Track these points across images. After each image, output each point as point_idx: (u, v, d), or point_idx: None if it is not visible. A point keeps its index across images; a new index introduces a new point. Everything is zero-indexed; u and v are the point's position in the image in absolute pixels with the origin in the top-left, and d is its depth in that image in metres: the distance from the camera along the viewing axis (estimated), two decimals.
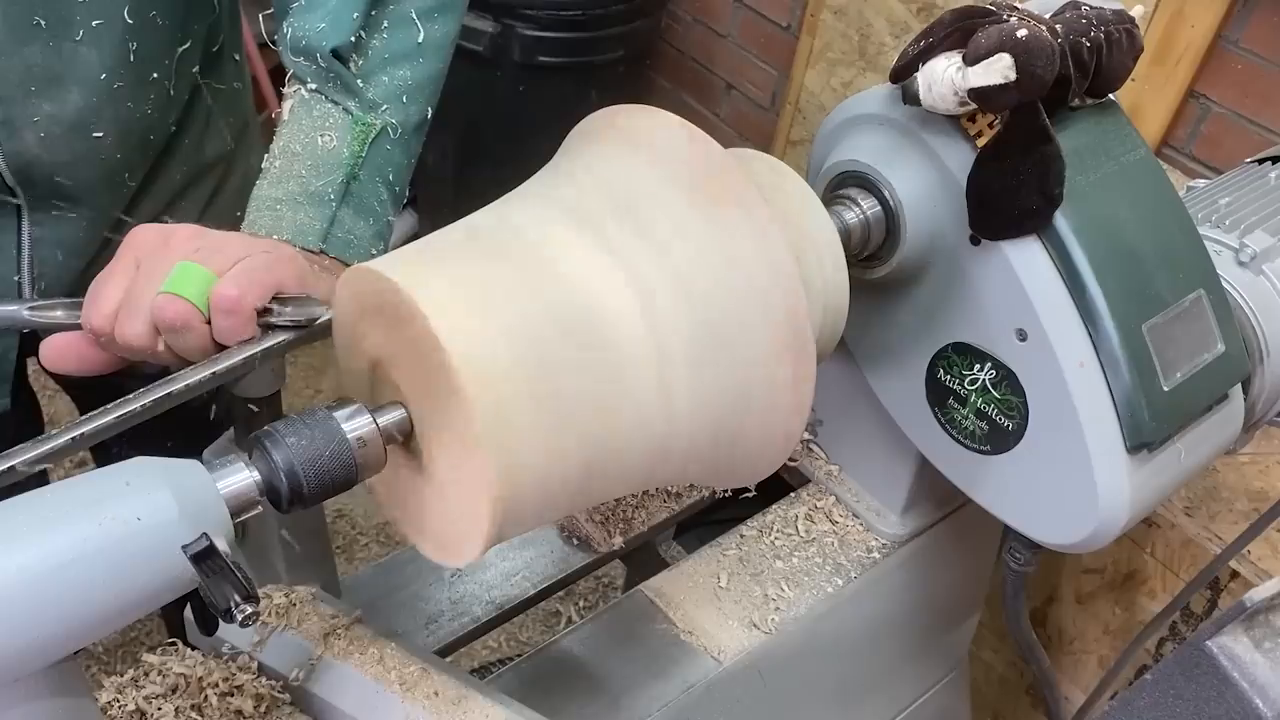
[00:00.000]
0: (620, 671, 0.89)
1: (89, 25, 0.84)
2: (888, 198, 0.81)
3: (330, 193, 0.80)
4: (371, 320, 0.64)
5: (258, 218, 0.78)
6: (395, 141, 0.84)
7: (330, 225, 0.79)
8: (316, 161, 0.80)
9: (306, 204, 0.79)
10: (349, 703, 0.75)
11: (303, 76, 0.81)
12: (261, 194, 0.79)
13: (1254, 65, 1.72)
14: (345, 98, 0.81)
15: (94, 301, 0.71)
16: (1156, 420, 0.79)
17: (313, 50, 0.80)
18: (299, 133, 0.80)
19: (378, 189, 0.83)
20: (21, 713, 0.53)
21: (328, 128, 0.81)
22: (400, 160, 0.85)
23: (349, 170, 0.81)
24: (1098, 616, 1.37)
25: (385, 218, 0.84)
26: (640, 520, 1.06)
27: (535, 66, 2.47)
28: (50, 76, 0.84)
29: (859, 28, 2.28)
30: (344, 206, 0.81)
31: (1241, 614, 0.62)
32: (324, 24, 0.80)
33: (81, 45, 0.84)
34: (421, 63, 0.85)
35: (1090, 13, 0.76)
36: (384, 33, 0.83)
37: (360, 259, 0.80)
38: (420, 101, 0.85)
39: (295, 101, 0.81)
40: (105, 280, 0.71)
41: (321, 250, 0.79)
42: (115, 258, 0.72)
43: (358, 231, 0.81)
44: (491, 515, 0.60)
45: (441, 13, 0.85)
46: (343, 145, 0.80)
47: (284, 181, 0.79)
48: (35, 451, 0.62)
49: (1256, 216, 0.98)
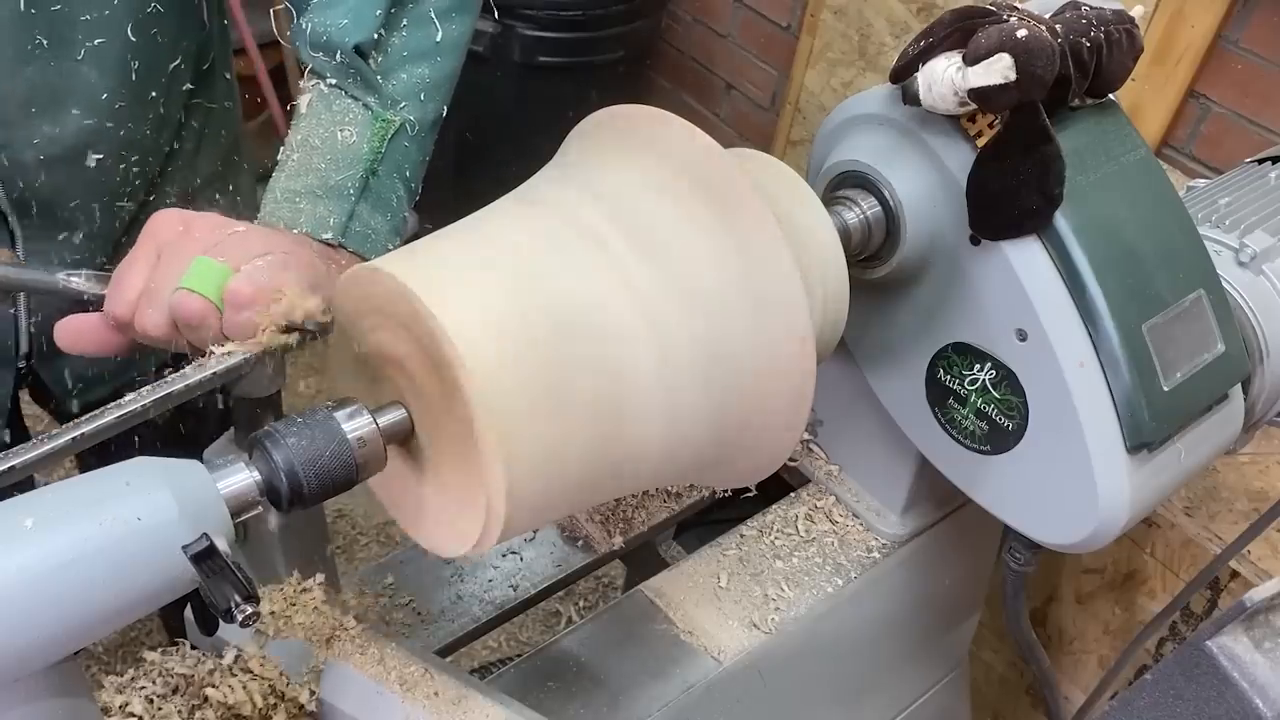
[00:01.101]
0: (620, 671, 0.89)
1: (90, 44, 0.84)
2: (888, 198, 0.81)
3: (350, 187, 0.80)
4: (373, 320, 0.64)
5: (276, 209, 0.79)
6: (412, 138, 0.84)
7: (349, 219, 0.80)
8: (336, 156, 0.80)
9: (326, 197, 0.79)
10: (349, 703, 0.75)
11: (322, 71, 0.81)
12: (279, 185, 0.79)
13: (1254, 65, 1.72)
14: (365, 93, 0.82)
15: (117, 288, 0.71)
16: (1156, 420, 0.79)
17: (334, 45, 0.80)
18: (318, 127, 0.81)
19: (395, 185, 0.84)
20: (21, 713, 0.53)
21: (347, 123, 0.81)
22: (416, 157, 0.86)
23: (368, 165, 0.81)
24: (1098, 616, 1.37)
25: (401, 213, 0.85)
26: (640, 520, 1.06)
27: (535, 66, 2.47)
28: (51, 97, 0.84)
29: (859, 28, 2.28)
30: (362, 201, 0.81)
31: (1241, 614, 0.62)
32: (346, 20, 0.80)
33: (83, 65, 0.84)
34: (439, 61, 0.85)
35: (1090, 13, 0.76)
36: (404, 31, 0.83)
37: (377, 253, 0.80)
38: (437, 99, 0.86)
39: (314, 96, 0.82)
40: (128, 268, 0.71)
41: (339, 244, 0.80)
42: (138, 244, 0.72)
43: (375, 226, 0.82)
44: (495, 515, 0.60)
45: (459, 12, 0.86)
46: (362, 140, 0.81)
47: (303, 174, 0.79)
48: (35, 451, 0.62)
49: (1256, 216, 0.98)
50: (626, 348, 0.62)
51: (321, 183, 0.79)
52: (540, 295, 0.61)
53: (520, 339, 0.59)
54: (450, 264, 0.62)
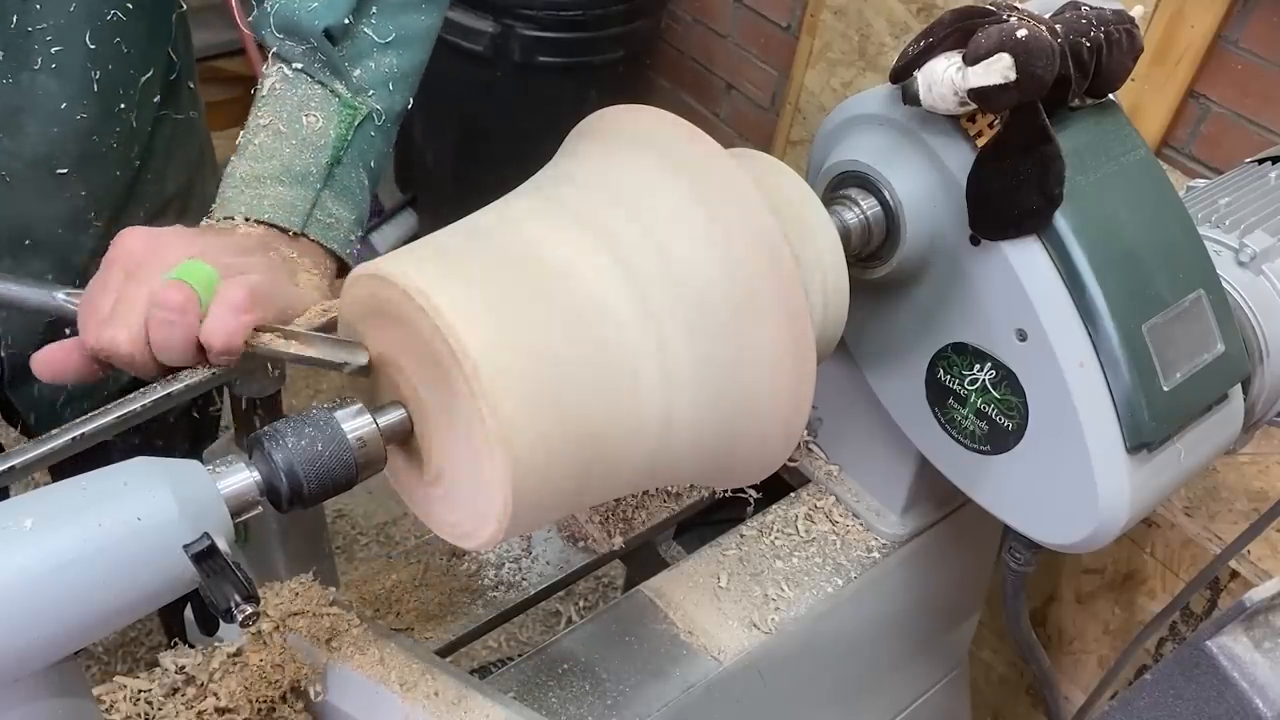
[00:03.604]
0: (620, 671, 0.89)
1: (48, 53, 0.81)
2: (888, 198, 0.80)
3: (314, 173, 0.78)
4: (375, 320, 0.64)
5: (237, 195, 0.76)
6: (378, 128, 0.83)
7: (313, 207, 0.78)
8: (301, 141, 0.78)
9: (290, 183, 0.77)
10: (349, 703, 0.75)
11: (288, 56, 0.79)
12: (238, 172, 0.77)
13: (1254, 65, 1.72)
14: (333, 79, 0.80)
15: (88, 311, 0.68)
16: (1156, 420, 0.79)
17: (303, 29, 0.78)
18: (282, 111, 0.78)
19: (359, 174, 0.82)
20: (21, 713, 0.53)
21: (313, 108, 0.79)
22: (381, 148, 0.84)
23: (334, 152, 0.79)
24: (1098, 616, 1.37)
25: (364, 204, 0.83)
26: (640, 520, 1.06)
27: (535, 66, 2.46)
28: (10, 111, 0.82)
29: (859, 28, 2.28)
30: (326, 189, 0.79)
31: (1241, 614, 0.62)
32: (317, 3, 0.78)
33: (40, 74, 0.82)
34: (408, 52, 0.84)
35: (1090, 13, 0.76)
36: (373, 19, 0.82)
37: (340, 244, 0.79)
38: (404, 90, 0.84)
39: (276, 80, 0.79)
40: (98, 290, 0.68)
41: (301, 233, 0.77)
42: (104, 265, 0.69)
43: (338, 215, 0.80)
44: (500, 513, 0.60)
45: (429, 3, 0.85)
46: (329, 126, 0.79)
47: (265, 159, 0.77)
48: (36, 451, 0.62)
49: (1256, 216, 0.98)
50: (626, 347, 0.62)
51: (285, 169, 0.77)
52: (543, 297, 0.61)
53: (523, 339, 0.59)
54: (456, 267, 0.62)
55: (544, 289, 0.61)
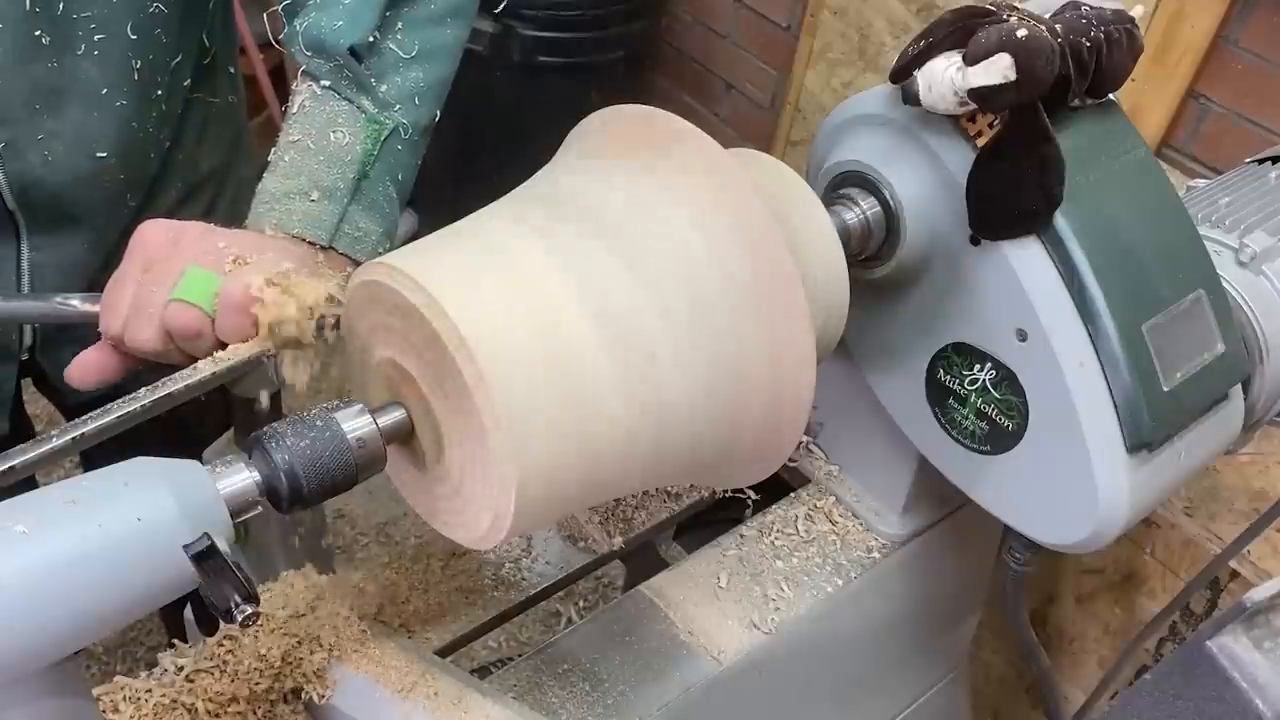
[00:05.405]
0: (620, 671, 0.89)
1: (91, 40, 0.84)
2: (888, 198, 0.80)
3: (342, 188, 0.80)
4: (376, 319, 0.64)
5: (267, 210, 0.78)
6: (405, 142, 0.84)
7: (340, 221, 0.80)
8: (329, 156, 0.80)
9: (317, 199, 0.79)
10: (349, 703, 0.75)
11: (316, 73, 0.81)
12: (269, 188, 0.79)
13: (1254, 65, 1.72)
14: (359, 96, 0.82)
15: (109, 307, 0.71)
16: (1156, 420, 0.79)
17: (330, 47, 0.80)
18: (311, 128, 0.81)
19: (387, 188, 0.84)
20: (21, 713, 0.53)
21: (340, 124, 0.81)
22: (409, 161, 0.85)
23: (361, 167, 0.81)
24: (1098, 616, 1.37)
25: (393, 218, 0.85)
26: (640, 520, 1.06)
27: (535, 66, 2.46)
28: (53, 93, 0.84)
29: (859, 28, 2.28)
30: (354, 203, 0.81)
31: (1241, 614, 0.62)
32: (342, 21, 0.80)
33: (84, 60, 0.84)
34: (433, 66, 0.85)
35: (1090, 13, 0.76)
36: (399, 34, 0.83)
37: (367, 257, 0.81)
38: (430, 104, 0.86)
39: (306, 97, 0.82)
40: (117, 284, 0.72)
41: (329, 246, 0.79)
42: (125, 258, 0.72)
43: (366, 229, 0.82)
44: (503, 513, 0.60)
45: (454, 17, 0.86)
46: (356, 142, 0.81)
47: (294, 175, 0.79)
48: (36, 451, 0.62)
49: (1256, 216, 0.98)
50: (629, 347, 0.62)
51: (314, 184, 0.79)
52: (545, 298, 0.61)
53: (526, 339, 0.59)
54: (454, 264, 0.62)
55: (546, 290, 0.61)
